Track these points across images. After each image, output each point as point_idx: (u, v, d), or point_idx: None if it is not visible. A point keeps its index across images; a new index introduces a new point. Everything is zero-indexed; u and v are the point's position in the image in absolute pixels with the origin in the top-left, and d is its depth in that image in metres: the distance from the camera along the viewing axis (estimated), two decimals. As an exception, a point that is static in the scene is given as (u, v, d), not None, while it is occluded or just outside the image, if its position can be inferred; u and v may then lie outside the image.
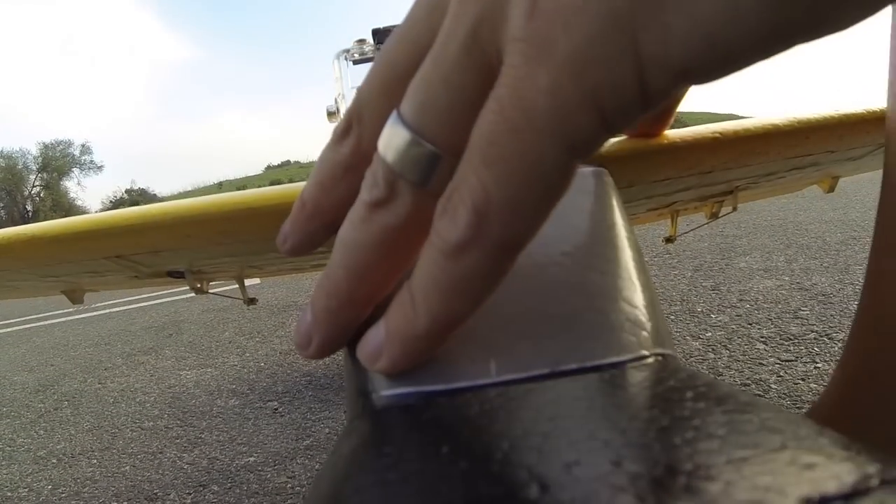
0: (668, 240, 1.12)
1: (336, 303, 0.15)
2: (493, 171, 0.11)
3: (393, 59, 0.14)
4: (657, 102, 0.11)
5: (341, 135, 0.15)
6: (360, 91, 0.15)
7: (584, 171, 0.19)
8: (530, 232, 0.12)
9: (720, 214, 0.85)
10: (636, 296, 0.16)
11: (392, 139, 0.13)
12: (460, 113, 0.12)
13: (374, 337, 0.14)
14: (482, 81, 0.12)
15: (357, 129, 0.15)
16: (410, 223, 0.14)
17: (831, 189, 0.87)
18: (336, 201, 0.16)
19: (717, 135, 0.34)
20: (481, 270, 0.12)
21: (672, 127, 0.32)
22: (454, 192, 0.12)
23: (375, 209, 0.14)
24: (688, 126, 0.35)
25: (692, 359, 1.39)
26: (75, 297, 0.92)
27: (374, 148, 0.14)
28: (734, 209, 0.79)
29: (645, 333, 0.15)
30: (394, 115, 0.13)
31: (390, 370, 0.14)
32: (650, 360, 0.14)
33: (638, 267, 0.17)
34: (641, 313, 0.15)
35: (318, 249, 0.18)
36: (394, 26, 0.43)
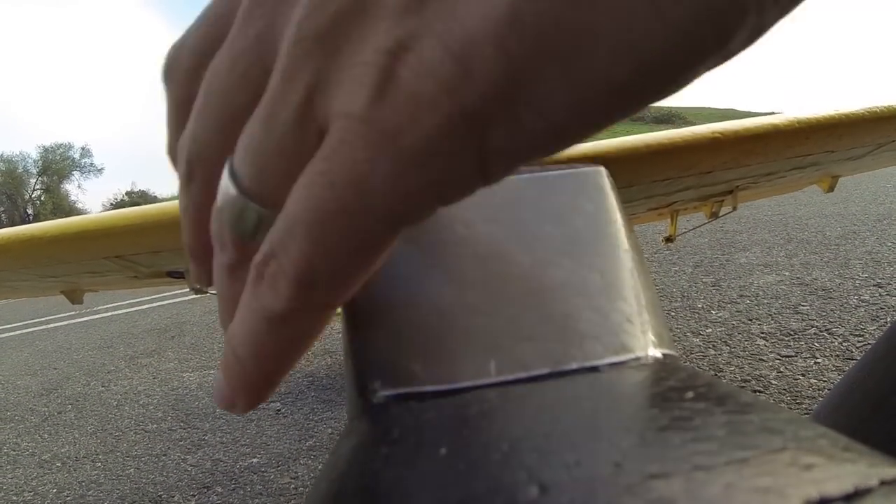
0: (668, 239, 1.12)
1: (231, 361, 0.14)
2: (319, 248, 0.11)
3: (226, 95, 0.13)
4: (497, 181, 0.11)
5: (186, 180, 0.15)
6: (196, 129, 0.14)
7: (584, 171, 0.19)
8: (353, 291, 0.12)
9: (720, 214, 0.85)
10: (636, 296, 0.16)
11: (231, 204, 0.13)
12: (290, 176, 0.12)
13: (220, 387, 0.15)
14: (312, 146, 0.12)
15: (201, 173, 0.15)
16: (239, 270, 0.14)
17: (831, 189, 0.87)
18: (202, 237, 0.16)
19: (718, 135, 0.34)
20: (306, 330, 0.13)
21: (673, 126, 0.32)
22: (271, 258, 0.12)
23: (233, 270, 0.14)
24: (690, 124, 0.35)
25: (693, 355, 1.39)
26: (74, 297, 0.92)
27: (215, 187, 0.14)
28: (734, 209, 0.79)
29: (645, 333, 0.15)
30: (227, 176, 0.13)
31: (245, 413, 0.15)
32: (650, 360, 0.14)
33: (638, 267, 0.17)
34: (642, 313, 0.15)
35: None
36: None
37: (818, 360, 1.25)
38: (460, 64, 0.10)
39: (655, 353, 0.14)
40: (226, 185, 0.13)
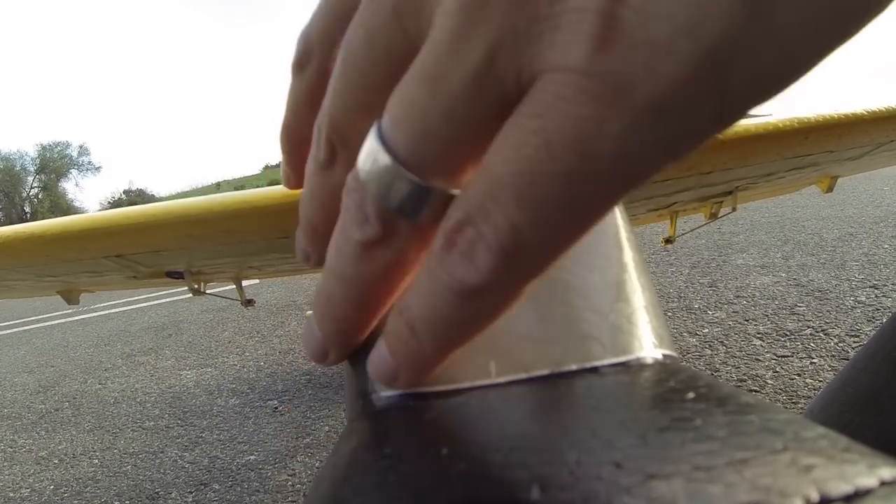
0: (668, 241, 1.12)
1: (346, 327, 0.14)
2: (529, 214, 0.10)
3: (366, 72, 0.12)
4: (726, 130, 0.11)
5: (327, 163, 0.14)
6: (336, 110, 0.13)
7: None
8: (554, 265, 0.11)
9: (719, 215, 0.85)
10: (636, 296, 0.16)
11: (380, 173, 0.12)
12: (462, 146, 0.11)
13: (383, 360, 0.13)
14: (491, 114, 0.11)
15: (345, 154, 0.14)
16: (409, 254, 0.13)
17: (830, 189, 0.88)
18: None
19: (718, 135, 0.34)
20: (498, 307, 0.12)
21: None
22: (467, 225, 0.11)
23: (371, 247, 0.13)
24: None
25: (689, 355, 1.39)
26: (71, 297, 0.92)
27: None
28: (733, 209, 0.79)
29: (645, 334, 0.15)
30: (377, 142, 0.12)
31: (407, 388, 0.14)
32: (650, 360, 0.14)
33: (638, 267, 0.17)
34: (642, 314, 0.15)
35: None
36: None
37: (814, 361, 1.25)
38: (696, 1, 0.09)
39: (656, 353, 0.14)
40: (373, 154, 0.12)
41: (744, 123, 0.37)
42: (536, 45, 0.10)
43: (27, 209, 41.39)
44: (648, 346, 0.15)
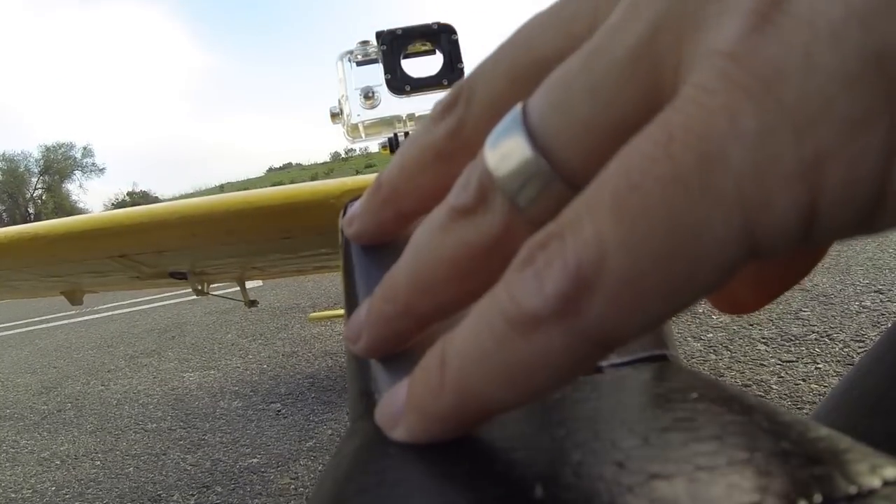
0: None
1: (392, 309, 0.12)
2: (622, 229, 0.08)
3: (534, 40, 0.11)
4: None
5: (442, 111, 0.12)
6: (483, 65, 0.12)
7: None
8: (639, 331, 0.08)
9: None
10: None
11: (502, 139, 0.10)
12: (599, 133, 0.09)
13: (395, 399, 0.11)
14: (640, 103, 0.09)
15: (463, 108, 0.12)
16: (493, 246, 0.10)
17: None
18: (417, 190, 0.13)
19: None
20: (552, 359, 0.09)
21: None
22: (553, 238, 0.08)
23: (457, 217, 0.11)
24: None
25: (693, 360, 1.39)
26: (74, 297, 0.92)
27: (478, 137, 0.11)
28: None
29: (648, 335, 0.15)
30: (516, 110, 0.10)
31: (410, 441, 0.11)
32: (652, 360, 0.14)
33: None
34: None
35: (321, 251, 0.18)
36: (397, 28, 0.43)
37: (819, 366, 1.25)
38: None
39: (657, 353, 0.14)
40: (506, 127, 0.10)
41: None
42: (703, 31, 0.08)
43: (31, 210, 41.57)
44: (649, 346, 0.15)
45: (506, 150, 0.10)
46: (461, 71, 0.44)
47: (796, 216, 0.07)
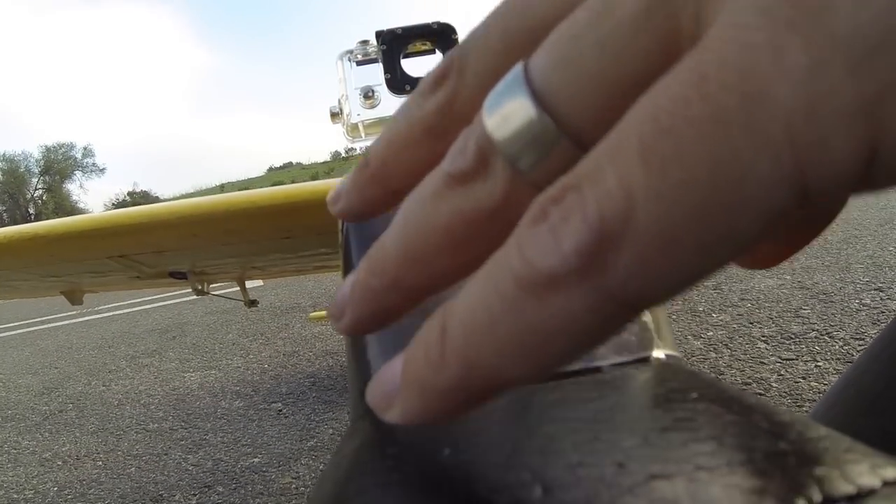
0: None
1: (378, 282, 0.11)
2: (653, 176, 0.07)
3: (529, 4, 0.10)
4: None
5: (432, 84, 0.11)
6: (474, 34, 0.11)
7: None
8: (672, 290, 0.08)
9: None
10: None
11: (503, 99, 0.09)
12: (610, 88, 0.08)
13: (389, 376, 0.10)
14: (655, 55, 0.08)
15: (455, 80, 0.11)
16: (493, 215, 0.10)
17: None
18: (405, 167, 0.12)
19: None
20: (571, 324, 0.08)
21: None
22: (570, 190, 0.08)
23: (453, 184, 0.10)
24: None
25: (694, 358, 1.39)
26: (75, 298, 0.92)
27: (471, 109, 0.10)
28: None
29: (648, 335, 0.15)
30: (517, 68, 0.09)
31: (404, 423, 0.10)
32: (653, 361, 0.14)
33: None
34: (645, 315, 0.15)
35: (321, 250, 0.17)
36: (397, 28, 0.43)
37: (819, 364, 1.25)
38: None
39: (659, 354, 0.14)
40: (508, 85, 0.09)
41: None
42: None
43: (31, 211, 41.57)
44: (651, 346, 0.15)
45: (507, 112, 0.09)
46: None
47: (854, 156, 0.07)
